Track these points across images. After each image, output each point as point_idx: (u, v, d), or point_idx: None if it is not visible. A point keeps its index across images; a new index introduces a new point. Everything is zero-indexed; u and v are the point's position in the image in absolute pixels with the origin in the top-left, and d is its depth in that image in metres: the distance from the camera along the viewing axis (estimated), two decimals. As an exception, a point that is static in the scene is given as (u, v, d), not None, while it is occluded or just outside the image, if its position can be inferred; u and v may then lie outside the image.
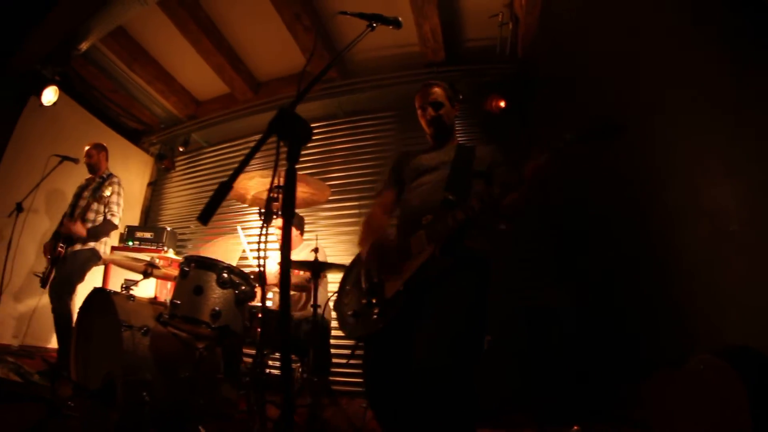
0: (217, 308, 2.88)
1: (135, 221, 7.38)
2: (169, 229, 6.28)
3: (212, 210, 1.31)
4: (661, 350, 3.20)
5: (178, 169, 7.60)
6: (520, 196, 2.11)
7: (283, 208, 1.39)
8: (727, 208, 3.11)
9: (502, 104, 5.09)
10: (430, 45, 5.64)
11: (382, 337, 2.25)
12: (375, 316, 2.24)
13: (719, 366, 2.54)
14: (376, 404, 2.26)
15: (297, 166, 1.33)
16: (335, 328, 4.16)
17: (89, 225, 4.76)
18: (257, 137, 3.82)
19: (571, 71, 4.67)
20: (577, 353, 4.05)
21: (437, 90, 2.74)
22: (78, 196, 4.98)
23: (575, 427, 3.25)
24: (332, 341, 4.41)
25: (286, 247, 1.43)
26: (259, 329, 3.33)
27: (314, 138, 6.15)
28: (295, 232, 4.55)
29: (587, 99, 4.33)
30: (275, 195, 3.05)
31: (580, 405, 3.65)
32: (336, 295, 2.66)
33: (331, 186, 5.50)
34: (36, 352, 5.23)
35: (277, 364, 4.82)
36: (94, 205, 4.78)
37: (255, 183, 3.33)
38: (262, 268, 1.69)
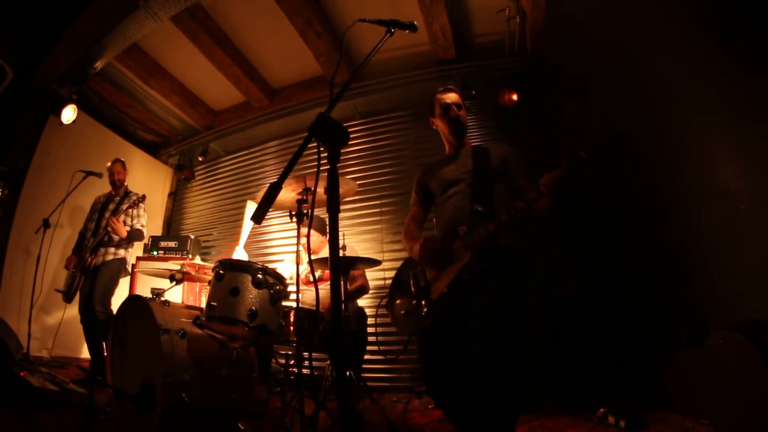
0: (254, 308, 2.88)
1: (157, 231, 7.41)
2: (192, 237, 6.28)
3: (265, 209, 1.53)
4: (684, 330, 3.14)
5: (197, 178, 7.63)
6: (544, 205, 2.28)
7: (328, 207, 1.48)
8: (738, 188, 3.06)
9: (515, 97, 5.06)
10: (440, 43, 5.63)
11: (435, 332, 2.45)
12: (423, 314, 2.50)
13: (738, 340, 2.53)
14: (435, 391, 2.47)
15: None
16: (371, 325, 4.19)
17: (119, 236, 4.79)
18: (274, 143, 3.83)
19: (580, 61, 4.64)
20: (601, 338, 4.02)
21: (454, 95, 2.94)
22: (100, 210, 5.00)
23: (601, 410, 3.22)
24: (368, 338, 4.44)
25: (334, 243, 1.49)
26: (292, 327, 3.37)
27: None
28: (320, 237, 4.52)
29: (597, 88, 4.30)
30: (304, 197, 3.06)
31: (606, 388, 3.62)
32: (387, 298, 2.96)
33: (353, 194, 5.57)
34: (68, 362, 5.22)
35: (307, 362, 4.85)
36: (121, 217, 4.81)
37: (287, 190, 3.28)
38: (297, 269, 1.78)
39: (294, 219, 3.23)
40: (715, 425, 2.67)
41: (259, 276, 2.96)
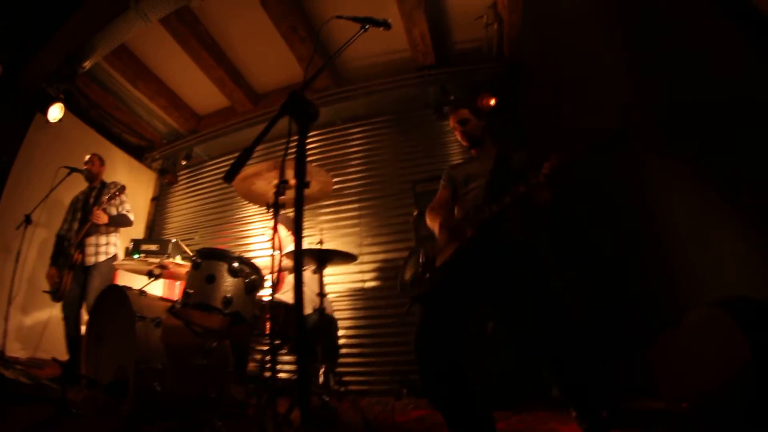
0: (228, 295, 2.85)
1: (140, 236, 7.26)
2: (174, 240, 6.17)
3: (236, 170, 1.64)
4: (665, 316, 3.12)
5: (180, 182, 7.52)
6: (547, 196, 2.52)
7: (296, 173, 1.52)
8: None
9: (492, 102, 5.08)
10: (420, 49, 5.66)
11: (435, 297, 2.57)
12: (426, 280, 2.70)
13: (715, 315, 2.46)
14: (426, 359, 2.46)
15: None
16: (351, 327, 4.13)
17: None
18: (257, 148, 3.76)
19: (554, 66, 4.65)
20: (583, 332, 3.97)
21: (463, 111, 3.10)
22: (82, 208, 4.91)
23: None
24: (344, 341, 4.38)
25: (298, 217, 1.46)
26: (268, 322, 3.30)
27: (314, 145, 6.14)
28: (286, 231, 4.47)
29: (570, 92, 4.31)
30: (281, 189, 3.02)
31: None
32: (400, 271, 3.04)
33: (332, 191, 5.51)
34: (46, 364, 5.08)
35: (285, 366, 4.78)
36: (103, 206, 4.73)
37: (263, 183, 3.23)
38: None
39: (270, 210, 3.17)
40: (697, 405, 2.62)
41: (235, 265, 2.93)
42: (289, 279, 4.18)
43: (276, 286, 4.25)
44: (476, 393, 2.31)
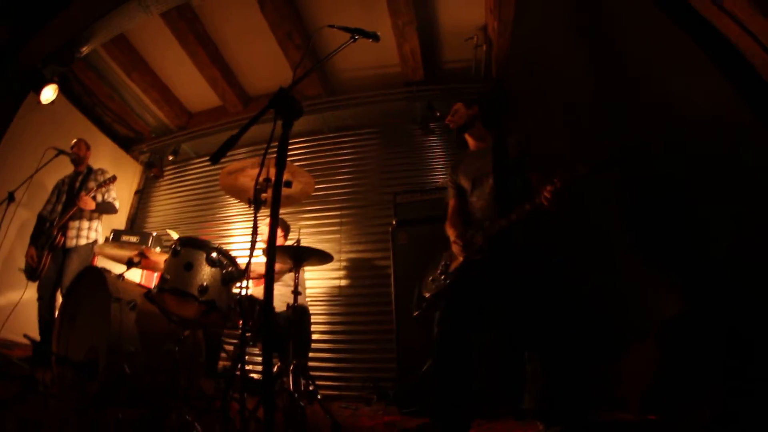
0: (204, 283, 2.88)
1: (121, 227, 7.23)
2: (154, 234, 6.18)
3: (223, 153, 1.70)
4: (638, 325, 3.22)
5: (165, 177, 7.51)
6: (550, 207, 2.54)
7: (276, 164, 1.61)
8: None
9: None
10: (410, 65, 5.77)
11: (449, 294, 2.86)
12: (442, 281, 2.96)
13: (680, 330, 2.65)
14: (445, 348, 2.67)
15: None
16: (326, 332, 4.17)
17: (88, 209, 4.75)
18: (243, 150, 3.86)
19: (539, 92, 4.78)
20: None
21: (455, 104, 3.32)
22: (68, 191, 4.95)
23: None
24: (317, 345, 4.41)
25: (275, 204, 1.58)
26: (240, 320, 3.31)
27: (301, 152, 6.21)
28: (279, 232, 4.52)
29: (554, 114, 4.42)
30: (263, 186, 3.09)
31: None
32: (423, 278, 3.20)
33: (315, 197, 5.59)
34: (14, 345, 5.04)
35: (256, 366, 4.79)
36: (91, 194, 4.76)
37: (246, 180, 3.31)
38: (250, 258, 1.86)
39: (251, 206, 3.22)
40: (665, 417, 2.70)
41: (213, 255, 2.97)
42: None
43: (256, 281, 4.31)
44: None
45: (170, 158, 7.14)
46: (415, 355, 3.89)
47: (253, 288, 4.21)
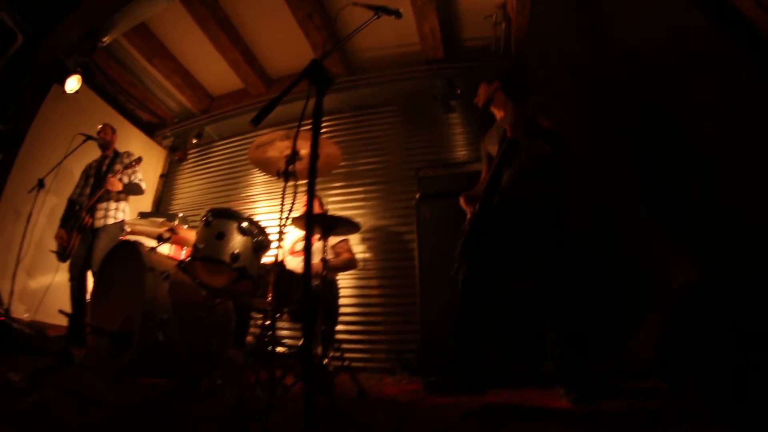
0: (236, 251, 2.93)
1: (147, 210, 7.30)
2: (181, 214, 6.24)
3: (265, 115, 1.88)
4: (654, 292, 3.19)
5: (189, 160, 7.59)
6: (544, 146, 2.82)
7: (313, 132, 1.69)
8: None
9: (495, 90, 5.16)
10: (429, 43, 5.74)
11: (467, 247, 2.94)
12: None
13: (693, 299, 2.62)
14: (464, 301, 2.86)
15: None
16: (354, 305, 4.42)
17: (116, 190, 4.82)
18: (266, 131, 3.89)
19: (558, 66, 4.73)
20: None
21: (480, 85, 3.51)
22: (95, 174, 5.04)
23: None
24: (342, 318, 4.43)
25: (312, 174, 1.62)
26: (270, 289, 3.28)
27: (324, 131, 6.21)
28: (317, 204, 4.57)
29: (571, 91, 4.38)
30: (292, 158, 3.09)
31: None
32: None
33: (339, 174, 5.59)
34: (47, 327, 5.13)
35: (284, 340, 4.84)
36: (118, 176, 4.84)
37: (275, 152, 3.31)
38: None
39: (280, 178, 3.23)
40: (682, 384, 2.67)
41: (244, 224, 3.02)
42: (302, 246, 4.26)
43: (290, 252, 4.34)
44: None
45: (194, 141, 7.20)
46: (438, 326, 3.93)
47: (285, 259, 4.25)
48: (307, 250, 1.54)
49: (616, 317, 3.60)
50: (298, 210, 4.28)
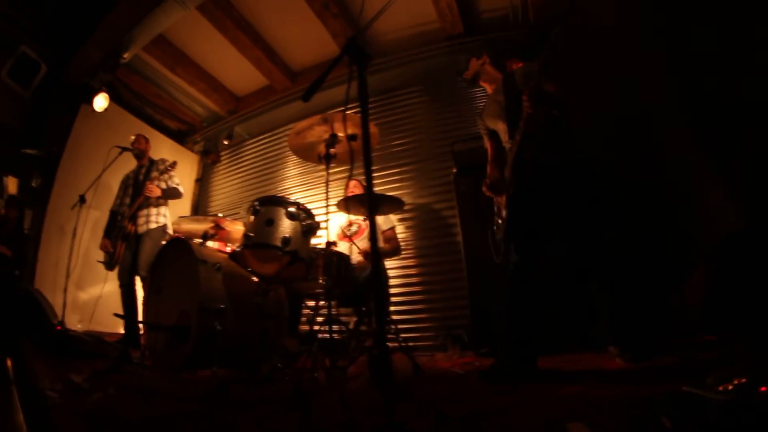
0: (287, 235, 2.93)
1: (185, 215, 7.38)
2: (220, 215, 6.26)
3: (314, 90, 1.97)
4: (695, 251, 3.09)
5: (223, 161, 7.63)
6: (550, 86, 2.71)
7: (361, 111, 1.81)
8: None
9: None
10: (448, 19, 5.65)
11: (510, 232, 2.87)
12: (501, 225, 2.98)
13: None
14: (513, 286, 2.75)
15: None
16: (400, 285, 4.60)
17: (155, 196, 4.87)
18: (295, 124, 3.94)
19: (578, 28, 4.63)
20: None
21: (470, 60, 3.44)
22: (133, 184, 5.08)
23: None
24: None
25: (367, 150, 1.76)
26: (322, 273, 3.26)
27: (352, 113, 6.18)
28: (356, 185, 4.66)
29: (593, 53, 4.26)
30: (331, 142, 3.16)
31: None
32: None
33: (373, 157, 5.51)
34: (102, 335, 5.22)
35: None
36: (155, 182, 4.88)
37: (314, 138, 3.33)
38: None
39: (322, 162, 3.24)
40: (733, 336, 2.58)
41: (292, 209, 3.03)
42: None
43: (355, 234, 4.37)
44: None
45: (225, 142, 7.22)
46: (487, 299, 3.86)
47: (337, 243, 4.21)
48: (372, 226, 1.63)
49: (665, 272, 3.51)
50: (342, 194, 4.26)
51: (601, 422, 1.47)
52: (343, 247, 4.13)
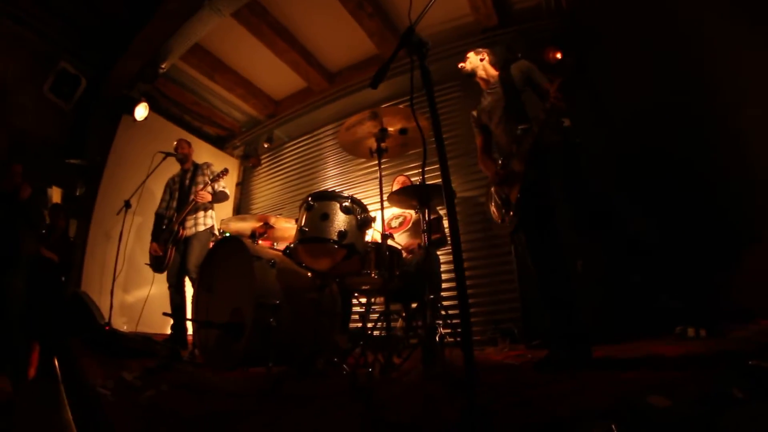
0: (343, 229, 2.86)
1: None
2: (280, 214, 6.27)
3: (380, 77, 1.99)
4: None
5: (263, 164, 7.68)
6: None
7: (429, 100, 1.83)
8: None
9: (559, 55, 4.92)
10: (482, 12, 5.56)
11: (523, 226, 2.90)
12: (512, 216, 2.97)
13: None
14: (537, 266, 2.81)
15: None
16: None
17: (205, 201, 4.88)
18: (332, 126, 3.86)
19: (611, 15, 4.49)
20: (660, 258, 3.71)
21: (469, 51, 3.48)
22: (179, 188, 5.08)
23: (678, 328, 3.12)
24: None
25: (439, 139, 1.73)
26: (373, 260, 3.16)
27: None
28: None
29: (629, 37, 4.27)
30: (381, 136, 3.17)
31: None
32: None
33: (413, 154, 5.42)
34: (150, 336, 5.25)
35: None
36: (206, 188, 4.90)
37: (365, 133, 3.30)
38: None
39: (374, 156, 3.26)
40: None
41: (347, 203, 2.97)
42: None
43: (399, 227, 4.34)
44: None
45: (266, 145, 7.28)
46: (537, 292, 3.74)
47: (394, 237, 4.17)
48: (451, 209, 1.61)
49: (711, 254, 3.34)
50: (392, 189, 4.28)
51: (677, 396, 1.46)
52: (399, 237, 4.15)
